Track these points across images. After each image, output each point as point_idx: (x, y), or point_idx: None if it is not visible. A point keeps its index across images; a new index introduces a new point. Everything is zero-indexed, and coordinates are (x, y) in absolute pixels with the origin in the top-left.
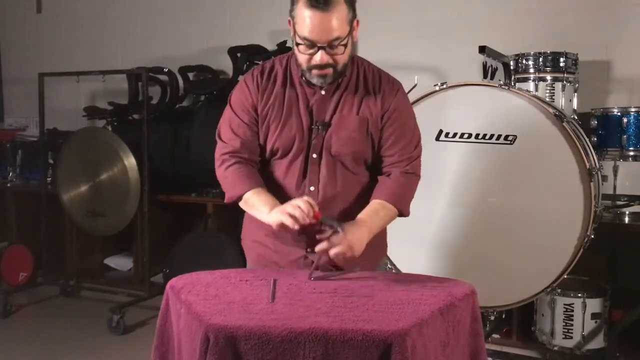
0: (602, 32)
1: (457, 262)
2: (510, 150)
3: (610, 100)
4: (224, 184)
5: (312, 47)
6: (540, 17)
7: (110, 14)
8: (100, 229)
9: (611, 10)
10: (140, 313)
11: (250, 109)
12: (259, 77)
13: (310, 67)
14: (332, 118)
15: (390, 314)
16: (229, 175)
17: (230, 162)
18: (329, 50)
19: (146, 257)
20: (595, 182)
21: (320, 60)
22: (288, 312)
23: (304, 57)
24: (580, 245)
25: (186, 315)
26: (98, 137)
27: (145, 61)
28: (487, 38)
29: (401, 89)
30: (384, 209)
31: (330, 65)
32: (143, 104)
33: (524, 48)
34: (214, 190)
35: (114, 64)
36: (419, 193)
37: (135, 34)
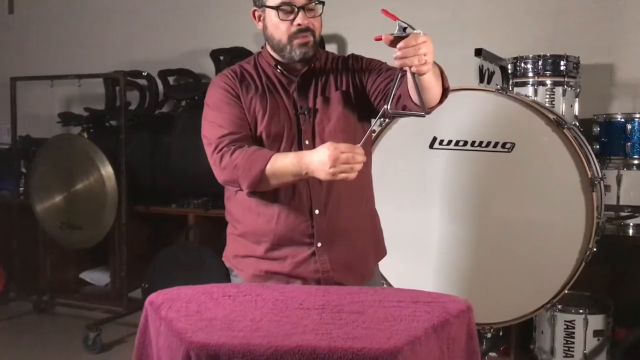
0: (605, 34)
1: (451, 277)
2: (508, 159)
3: (613, 105)
4: (237, 172)
5: (291, 11)
6: (540, 18)
7: (86, 15)
8: (76, 241)
9: (615, 11)
10: (117, 330)
11: (236, 100)
12: (232, 74)
13: (291, 36)
14: (315, 104)
15: (381, 331)
16: (239, 159)
17: (231, 150)
18: (307, 14)
19: (124, 272)
20: (597, 193)
21: (302, 22)
22: (273, 329)
23: (284, 25)
24: (581, 259)
25: (166, 332)
26: (73, 145)
27: (123, 64)
28: (484, 40)
29: (354, 54)
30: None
31: (311, 31)
32: (121, 110)
33: (523, 51)
34: (195, 200)
35: (90, 68)
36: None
37: (113, 36)
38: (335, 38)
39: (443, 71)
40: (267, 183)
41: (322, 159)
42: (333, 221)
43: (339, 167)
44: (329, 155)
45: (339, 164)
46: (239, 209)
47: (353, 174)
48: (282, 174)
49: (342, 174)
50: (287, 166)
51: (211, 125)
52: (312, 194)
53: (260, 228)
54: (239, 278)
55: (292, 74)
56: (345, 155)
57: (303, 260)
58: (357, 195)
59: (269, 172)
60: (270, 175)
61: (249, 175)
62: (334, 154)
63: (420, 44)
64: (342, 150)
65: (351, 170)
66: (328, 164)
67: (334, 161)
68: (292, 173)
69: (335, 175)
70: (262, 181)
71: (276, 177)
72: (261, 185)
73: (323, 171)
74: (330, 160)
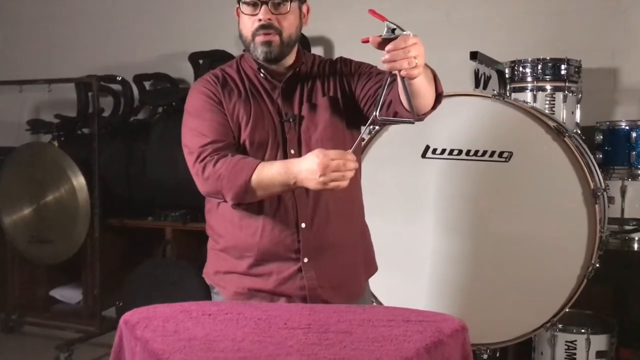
0: (608, 36)
1: (445, 294)
2: (505, 169)
3: (617, 112)
4: (221, 183)
5: (255, 6)
6: (539, 19)
7: (57, 17)
8: (46, 256)
9: (619, 12)
10: (90, 351)
11: (219, 106)
12: (213, 78)
13: (254, 32)
14: (301, 110)
15: (370, 352)
16: (223, 169)
17: (214, 160)
18: (273, 10)
19: (97, 289)
20: (600, 205)
21: (263, 17)
22: (256, 351)
23: (249, 21)
24: (583, 275)
25: (142, 353)
26: (43, 154)
27: (96, 69)
28: (479, 42)
29: (342, 57)
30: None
31: (275, 29)
32: (93, 117)
33: (521, 54)
34: (173, 213)
35: (61, 72)
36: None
37: (85, 39)
38: (322, 40)
39: (436, 75)
40: (253, 194)
41: (311, 167)
42: (320, 235)
43: (330, 175)
44: (318, 163)
45: (329, 172)
46: (221, 222)
47: (344, 182)
48: (269, 184)
49: (332, 183)
50: (274, 176)
51: (192, 133)
52: (298, 206)
53: (243, 242)
54: (220, 296)
55: (275, 79)
56: (336, 163)
57: (288, 277)
58: (346, 207)
59: (255, 182)
60: (256, 186)
61: (233, 186)
62: (324, 161)
63: (410, 46)
64: (332, 157)
65: (342, 178)
66: (317, 172)
67: (324, 169)
68: (279, 183)
69: (325, 184)
70: (248, 192)
71: (262, 188)
72: (247, 197)
73: (312, 180)
74: (319, 168)
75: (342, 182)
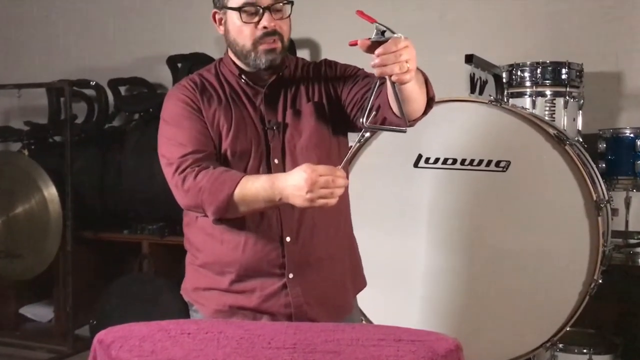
0: (611, 39)
1: (439, 312)
2: (503, 179)
3: (621, 119)
4: (202, 196)
5: (256, 12)
6: (539, 20)
7: (27, 18)
8: (15, 272)
9: (622, 13)
10: None
11: (198, 113)
12: (191, 84)
13: (256, 40)
14: (284, 117)
15: None
16: (204, 182)
17: (195, 171)
18: (274, 15)
19: (69, 306)
20: (603, 217)
21: (269, 24)
22: None
23: (248, 29)
24: (585, 292)
25: None
26: (12, 163)
27: (68, 73)
28: (475, 45)
29: (327, 59)
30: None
31: (278, 35)
32: (66, 124)
33: (519, 57)
34: (150, 226)
35: (31, 76)
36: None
37: (57, 41)
38: (308, 43)
39: (428, 79)
40: (236, 209)
41: (298, 183)
42: (306, 249)
43: (317, 192)
44: (305, 178)
45: (317, 189)
46: (200, 236)
47: (333, 200)
48: (253, 200)
49: (320, 200)
50: (259, 191)
51: (170, 143)
52: (282, 219)
53: (225, 257)
54: (199, 313)
55: (258, 84)
56: (325, 179)
57: (273, 294)
58: (333, 220)
59: (238, 197)
60: (239, 201)
61: (215, 201)
62: (312, 177)
63: (401, 49)
64: (320, 173)
65: (331, 195)
66: (304, 189)
67: (312, 185)
68: (263, 199)
69: (313, 201)
70: (230, 207)
71: (246, 203)
72: (229, 212)
73: (299, 197)
74: (307, 184)
75: (330, 200)
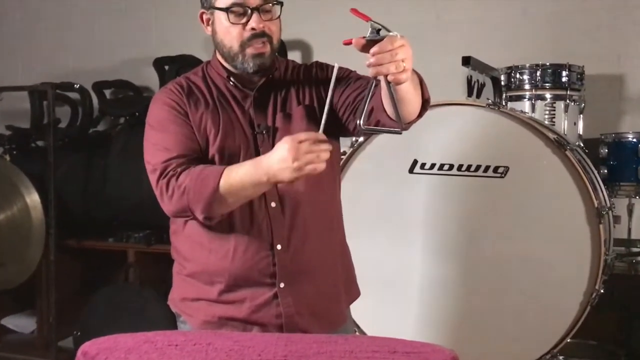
0: (614, 40)
1: (435, 323)
2: (501, 185)
3: (623, 123)
4: (187, 197)
5: (244, 13)
6: (538, 21)
7: (8, 19)
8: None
9: (625, 12)
10: None
11: (184, 118)
12: (178, 88)
13: (244, 42)
14: (274, 121)
15: None
16: (187, 181)
17: (177, 174)
18: (263, 16)
19: (53, 317)
20: (605, 225)
21: (257, 26)
22: None
23: (236, 30)
24: (587, 302)
25: None
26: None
27: (51, 76)
28: (472, 47)
29: (319, 61)
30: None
31: (267, 37)
32: (49, 128)
33: (518, 59)
34: (136, 234)
35: (13, 79)
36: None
37: (40, 43)
38: (299, 44)
39: (422, 80)
40: (224, 203)
41: (281, 156)
42: (298, 258)
43: (303, 158)
44: (288, 148)
45: (302, 155)
46: (188, 245)
47: (322, 164)
48: (240, 187)
49: (308, 166)
50: (244, 177)
51: (155, 148)
52: (273, 226)
53: (213, 266)
54: (187, 325)
55: (247, 87)
56: (307, 144)
57: (263, 304)
58: (325, 227)
59: (224, 188)
60: (226, 193)
61: (201, 198)
62: (293, 145)
63: (397, 48)
64: (301, 139)
65: (318, 159)
66: (289, 159)
67: (296, 152)
68: (250, 183)
69: (301, 169)
70: (218, 201)
71: (233, 194)
72: (217, 207)
73: (287, 169)
74: (290, 153)
75: (319, 164)
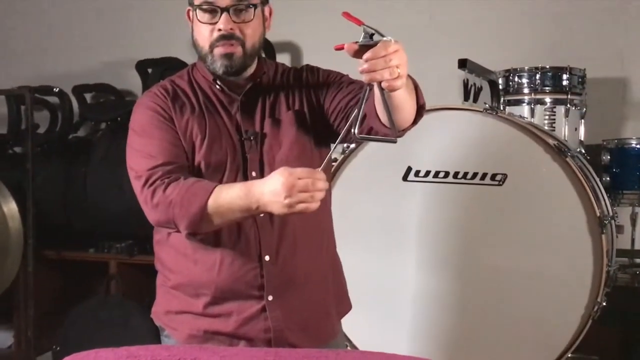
0: (616, 42)
1: (429, 338)
2: (499, 193)
3: (627, 128)
4: (173, 210)
5: (214, 13)
6: (537, 22)
7: None
8: None
9: (628, 13)
10: None
11: (169, 123)
12: (162, 91)
13: (213, 43)
14: (262, 127)
15: None
16: (174, 194)
17: (165, 184)
18: (234, 17)
19: (31, 331)
20: (607, 234)
21: (225, 27)
22: None
23: (206, 30)
24: (588, 316)
25: None
26: None
27: (29, 79)
28: (469, 49)
29: (309, 65)
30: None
31: (237, 39)
32: (27, 134)
33: (517, 62)
34: (118, 244)
35: None
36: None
37: (17, 45)
38: (288, 46)
39: (417, 85)
40: (210, 222)
41: (275, 189)
42: (287, 269)
43: (296, 196)
44: (283, 182)
45: (296, 193)
46: (172, 256)
47: (314, 204)
48: (228, 210)
49: (300, 205)
50: (234, 200)
51: (139, 154)
52: (261, 237)
53: (199, 278)
54: (171, 339)
55: (233, 91)
56: (304, 182)
57: (251, 317)
58: (315, 237)
59: (212, 208)
60: (213, 212)
61: (187, 214)
62: (289, 180)
63: (391, 53)
64: (298, 176)
65: (311, 199)
66: (282, 194)
67: (290, 190)
68: (239, 208)
69: (292, 206)
70: (204, 220)
71: (220, 215)
72: (202, 225)
73: (277, 203)
74: (284, 189)
75: (311, 204)
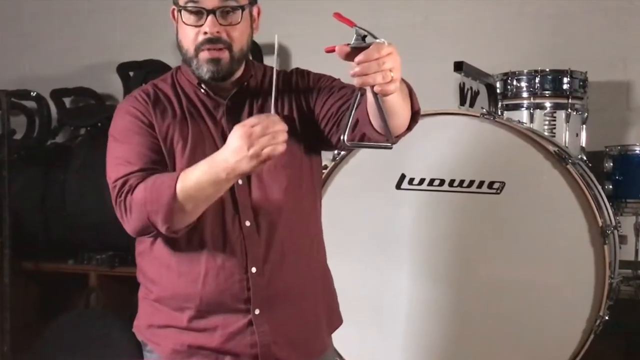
0: (619, 43)
1: (424, 353)
2: (497, 202)
3: (630, 134)
4: (145, 209)
5: (199, 14)
6: (537, 23)
7: None
8: None
9: (631, 14)
10: None
11: (149, 129)
12: (143, 96)
13: (198, 47)
14: None
15: None
16: (142, 193)
17: (133, 187)
18: (221, 20)
19: (7, 345)
20: (610, 245)
21: (211, 30)
22: None
23: (192, 32)
24: (590, 330)
25: None
26: None
27: (5, 82)
28: (465, 51)
29: (299, 68)
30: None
31: (223, 43)
32: (3, 140)
33: (515, 65)
34: (98, 255)
35: None
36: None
37: None
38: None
39: (412, 90)
40: (185, 210)
41: (235, 146)
42: (275, 281)
43: (258, 143)
44: (240, 135)
45: (256, 140)
46: (155, 267)
47: (280, 145)
48: (199, 189)
49: (266, 150)
50: (201, 177)
51: (117, 161)
52: (247, 247)
53: (183, 291)
54: (154, 354)
55: (219, 95)
56: (259, 127)
57: (237, 332)
58: (304, 248)
59: (182, 193)
60: (184, 198)
61: (159, 207)
62: (244, 131)
63: (384, 56)
64: (252, 124)
65: (274, 140)
66: (244, 147)
67: (249, 139)
68: (209, 182)
69: (259, 155)
70: (178, 209)
71: (193, 197)
72: (179, 216)
73: (243, 159)
74: (244, 140)
75: (277, 146)
